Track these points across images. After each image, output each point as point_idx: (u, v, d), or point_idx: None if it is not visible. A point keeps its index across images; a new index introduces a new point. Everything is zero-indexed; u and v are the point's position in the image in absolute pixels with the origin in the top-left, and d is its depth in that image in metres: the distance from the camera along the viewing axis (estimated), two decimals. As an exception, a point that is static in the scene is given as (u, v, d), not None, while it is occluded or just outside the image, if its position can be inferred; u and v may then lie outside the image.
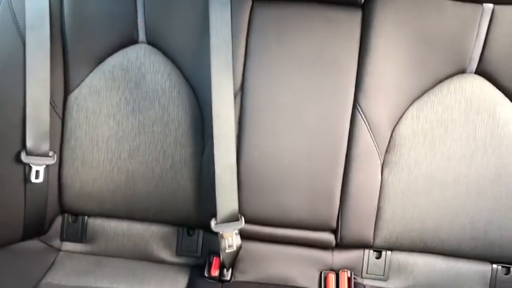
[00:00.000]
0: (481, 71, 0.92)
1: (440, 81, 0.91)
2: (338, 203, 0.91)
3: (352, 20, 0.90)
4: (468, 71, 0.90)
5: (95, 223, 1.00)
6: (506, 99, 0.91)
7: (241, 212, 0.92)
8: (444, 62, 0.90)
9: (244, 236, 0.93)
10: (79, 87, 0.96)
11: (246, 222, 0.92)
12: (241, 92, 0.91)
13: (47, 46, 0.92)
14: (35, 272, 0.93)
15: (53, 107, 0.96)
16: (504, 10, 0.87)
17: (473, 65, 0.91)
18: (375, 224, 0.92)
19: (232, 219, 0.90)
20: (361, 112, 0.89)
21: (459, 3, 0.90)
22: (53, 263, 0.96)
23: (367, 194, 0.91)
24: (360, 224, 0.92)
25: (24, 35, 0.91)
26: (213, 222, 0.89)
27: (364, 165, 0.90)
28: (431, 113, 0.91)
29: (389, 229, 0.92)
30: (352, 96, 0.89)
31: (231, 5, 0.88)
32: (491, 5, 0.88)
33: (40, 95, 0.93)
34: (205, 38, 0.89)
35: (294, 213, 0.92)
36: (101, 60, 0.96)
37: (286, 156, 0.90)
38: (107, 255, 0.99)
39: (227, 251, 0.90)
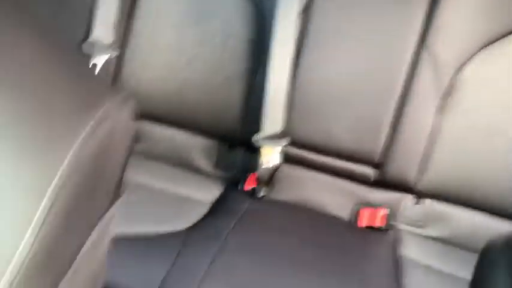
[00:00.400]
0: None
1: None
2: (385, 137, 0.87)
3: None
4: None
5: (142, 125, 1.01)
6: None
7: (287, 132, 0.90)
8: None
9: (285, 157, 0.92)
10: None
11: (290, 144, 0.90)
12: (305, 13, 0.88)
13: None
14: None
15: (122, 5, 0.96)
16: None
17: None
18: (421, 167, 0.87)
19: (275, 137, 0.89)
20: (426, 49, 0.84)
21: None
22: None
23: (417, 134, 0.86)
24: (404, 164, 0.88)
25: None
26: (256, 137, 0.89)
27: (420, 104, 0.86)
28: (499, 61, 0.85)
29: (436, 175, 0.87)
30: (419, 31, 0.85)
31: None
32: None
33: None
34: None
35: (339, 141, 0.89)
36: None
37: (340, 83, 0.88)
38: (148, 157, 1.00)
39: (265, 167, 0.89)
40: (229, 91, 0.95)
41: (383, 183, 0.91)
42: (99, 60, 0.96)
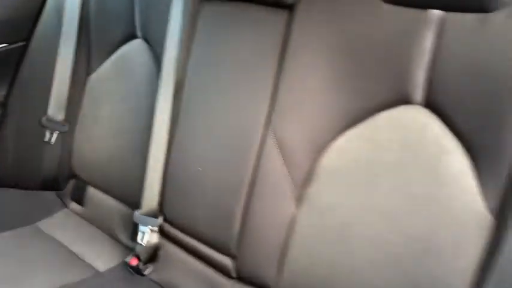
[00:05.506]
0: (429, 103, 0.64)
1: (378, 110, 0.66)
2: (238, 227, 0.75)
3: (277, 23, 0.73)
4: (415, 102, 0.64)
5: (91, 191, 1.03)
6: (459, 146, 0.61)
7: (163, 210, 0.86)
8: (381, 86, 0.66)
9: (166, 236, 0.87)
10: (96, 72, 1.04)
11: (167, 222, 0.86)
12: (180, 91, 0.86)
13: (73, 36, 1.03)
14: (35, 215, 1.01)
15: (75, 85, 1.05)
16: (456, 19, 0.60)
17: (419, 94, 0.64)
18: (279, 265, 0.72)
19: (151, 214, 0.85)
20: (272, 132, 0.72)
21: (399, 8, 0.64)
22: (53, 214, 1.03)
23: (272, 229, 0.72)
24: (259, 261, 0.74)
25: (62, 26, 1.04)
26: (136, 213, 0.86)
27: (272, 195, 0.72)
28: (360, 149, 0.67)
29: (292, 279, 0.72)
30: (265, 112, 0.73)
31: (184, 4, 0.84)
32: (438, 12, 0.62)
33: (63, 74, 1.04)
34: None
35: (201, 226, 0.80)
36: (113, 51, 1.01)
37: (200, 164, 0.80)
38: (89, 220, 1.03)
39: (139, 243, 0.85)
40: (141, 162, 0.89)
41: (242, 278, 0.77)
42: (53, 134, 1.04)
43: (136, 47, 0.97)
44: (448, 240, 0.59)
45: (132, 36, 0.99)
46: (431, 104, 0.63)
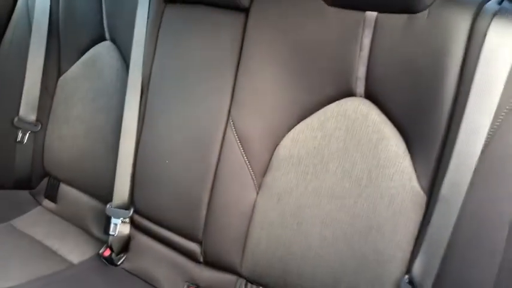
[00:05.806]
0: (369, 95, 0.71)
1: (326, 103, 0.73)
2: (204, 214, 0.81)
3: (234, 25, 0.80)
4: (357, 94, 0.72)
5: (64, 188, 1.06)
6: (395, 132, 0.68)
7: (133, 203, 0.91)
8: (328, 81, 0.72)
9: (136, 227, 0.92)
10: (66, 73, 1.07)
11: (137, 213, 0.91)
12: (147, 89, 0.91)
13: (44, 39, 1.06)
14: (8, 214, 1.03)
15: (46, 86, 1.08)
16: (389, 19, 0.68)
17: (361, 87, 0.71)
18: (242, 249, 0.78)
19: (122, 207, 0.90)
20: (232, 125, 0.79)
21: (341, 10, 0.71)
22: (26, 212, 1.05)
23: (235, 215, 0.78)
24: (224, 245, 0.79)
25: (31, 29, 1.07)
26: (108, 206, 0.90)
27: (235, 184, 0.78)
28: (310, 138, 0.74)
29: (254, 260, 0.77)
30: (227, 107, 0.79)
31: (149, 6, 0.89)
32: (374, 13, 0.69)
33: (34, 76, 1.07)
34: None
35: (170, 216, 0.86)
36: (83, 53, 1.05)
37: (168, 157, 0.85)
38: (62, 216, 1.05)
39: (111, 235, 0.89)
40: (112, 158, 0.93)
41: (210, 263, 0.83)
42: (25, 134, 1.07)
43: (105, 48, 1.01)
44: (388, 217, 0.66)
45: (100, 38, 1.02)
46: (371, 96, 0.70)
